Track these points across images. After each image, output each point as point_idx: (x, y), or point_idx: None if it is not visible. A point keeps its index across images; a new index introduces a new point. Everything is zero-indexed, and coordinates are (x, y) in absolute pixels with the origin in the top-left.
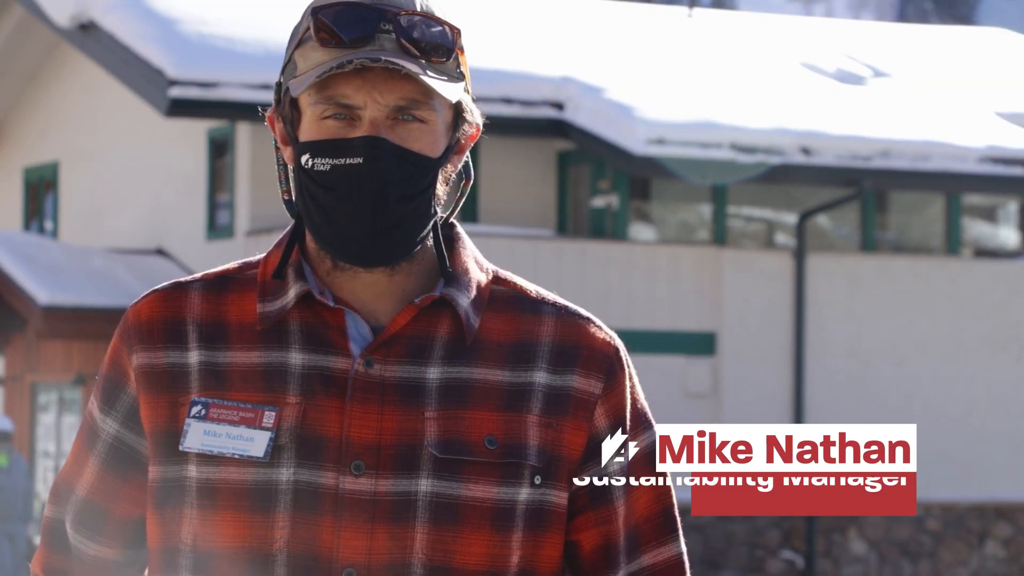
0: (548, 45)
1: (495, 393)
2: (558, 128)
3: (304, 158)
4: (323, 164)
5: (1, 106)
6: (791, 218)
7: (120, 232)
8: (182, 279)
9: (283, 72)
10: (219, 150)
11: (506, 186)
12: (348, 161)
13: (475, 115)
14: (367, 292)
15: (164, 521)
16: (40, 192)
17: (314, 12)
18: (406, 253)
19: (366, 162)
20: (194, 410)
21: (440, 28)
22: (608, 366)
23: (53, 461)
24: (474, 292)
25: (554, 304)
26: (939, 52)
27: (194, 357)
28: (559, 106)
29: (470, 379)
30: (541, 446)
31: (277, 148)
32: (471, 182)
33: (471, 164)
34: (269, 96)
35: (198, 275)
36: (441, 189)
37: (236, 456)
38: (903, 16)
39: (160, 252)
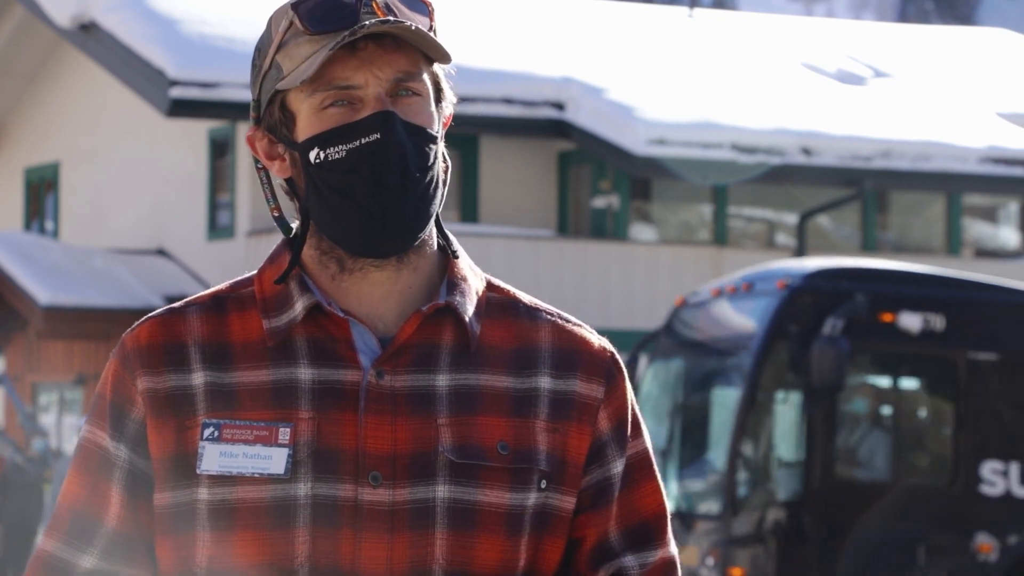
0: (549, 45)
1: (503, 399)
2: (559, 128)
3: (312, 154)
4: (337, 152)
5: (2, 106)
6: (792, 218)
7: (121, 232)
8: (174, 305)
9: (261, 84)
10: (220, 150)
11: (507, 186)
12: (364, 140)
13: (450, 94)
14: (374, 294)
15: (176, 547)
16: (41, 192)
17: (294, 7)
18: (421, 232)
19: (384, 136)
20: (206, 432)
21: (416, 2)
22: (608, 371)
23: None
24: (474, 298)
25: (548, 311)
26: (939, 52)
27: (198, 379)
28: (560, 106)
29: (478, 385)
30: (549, 451)
31: (260, 168)
32: (449, 168)
33: (446, 151)
34: None
35: (190, 299)
36: (441, 167)
37: (256, 475)
38: (904, 16)
39: (161, 252)
